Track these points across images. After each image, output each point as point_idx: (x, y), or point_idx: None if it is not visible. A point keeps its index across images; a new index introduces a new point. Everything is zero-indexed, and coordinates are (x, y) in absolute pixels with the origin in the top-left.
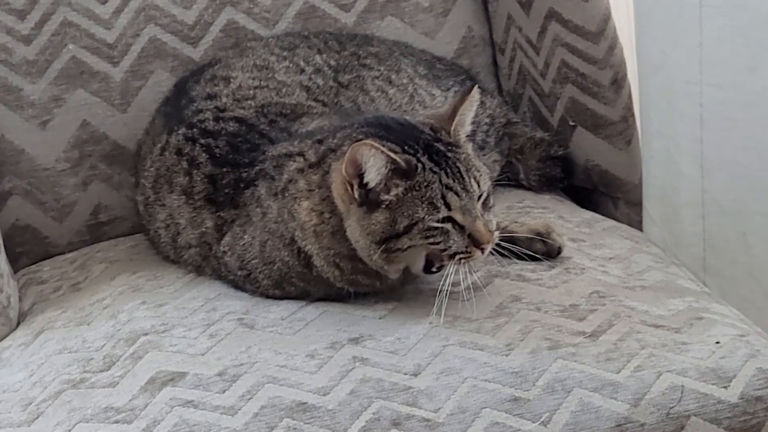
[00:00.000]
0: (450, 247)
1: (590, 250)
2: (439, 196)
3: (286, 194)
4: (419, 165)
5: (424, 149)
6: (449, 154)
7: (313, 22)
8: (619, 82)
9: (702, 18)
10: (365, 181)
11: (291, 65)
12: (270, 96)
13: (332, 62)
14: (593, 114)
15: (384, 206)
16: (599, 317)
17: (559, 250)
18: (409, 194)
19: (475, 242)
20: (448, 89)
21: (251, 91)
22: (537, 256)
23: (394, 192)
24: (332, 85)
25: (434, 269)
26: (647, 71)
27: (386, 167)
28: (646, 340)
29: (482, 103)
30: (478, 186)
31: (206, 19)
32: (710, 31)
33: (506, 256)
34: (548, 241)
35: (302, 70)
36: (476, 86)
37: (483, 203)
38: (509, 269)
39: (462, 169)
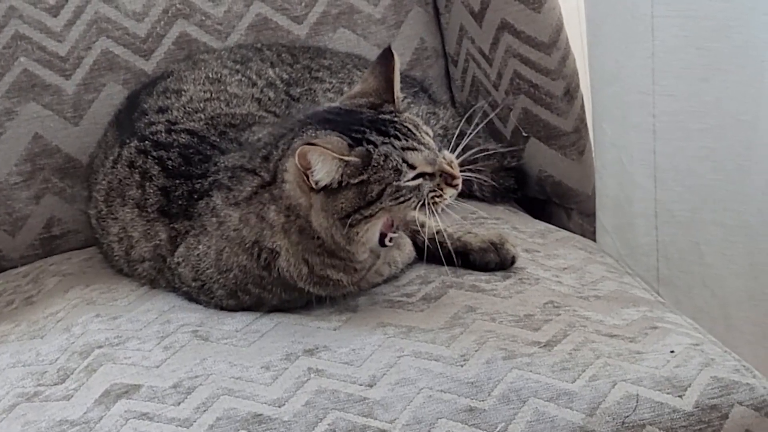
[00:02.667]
0: (422, 195)
1: (544, 261)
2: (401, 160)
3: (251, 203)
4: (371, 148)
5: (369, 127)
6: (395, 120)
7: (266, 35)
8: (571, 92)
9: (654, 28)
10: (317, 179)
11: (243, 78)
12: (220, 107)
13: (285, 75)
14: (546, 125)
15: (350, 185)
16: (554, 327)
17: (513, 261)
18: (374, 174)
19: (446, 181)
20: (401, 101)
21: (202, 104)
22: (488, 266)
23: (356, 179)
24: (284, 98)
25: (388, 241)
26: (600, 82)
27: (339, 169)
28: (600, 349)
29: (435, 114)
30: (430, 136)
31: (158, 32)
32: (662, 41)
33: (460, 267)
34: (502, 251)
35: (254, 84)
36: (390, 47)
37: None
38: (463, 280)
39: (411, 126)
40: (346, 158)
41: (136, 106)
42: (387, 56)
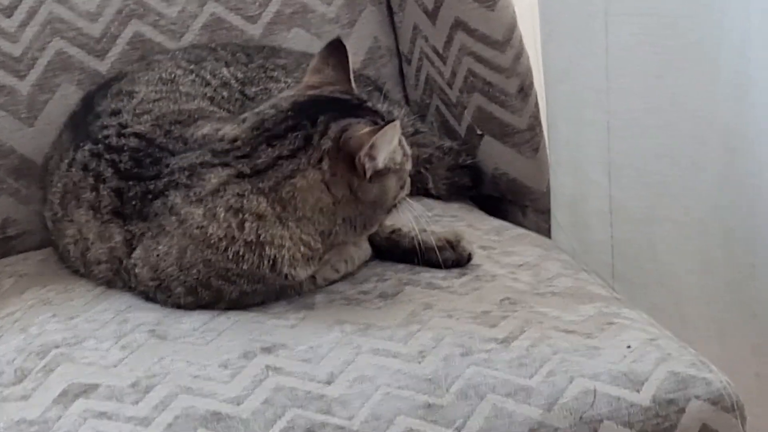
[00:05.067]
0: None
1: (500, 258)
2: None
3: (217, 197)
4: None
5: (371, 116)
6: (376, 110)
7: (220, 35)
8: (525, 90)
9: (608, 25)
10: (377, 161)
11: (197, 78)
12: (168, 106)
13: (239, 75)
14: (500, 123)
15: (390, 172)
16: (511, 324)
17: (469, 258)
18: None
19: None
20: None
21: (151, 105)
22: (445, 263)
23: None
24: (238, 97)
25: None
26: (554, 79)
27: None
28: (557, 345)
29: (390, 113)
30: None
31: (112, 32)
32: (616, 38)
33: (417, 265)
34: (458, 249)
35: (208, 83)
36: (340, 37)
37: None
38: (420, 277)
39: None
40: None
41: (91, 108)
42: (338, 47)
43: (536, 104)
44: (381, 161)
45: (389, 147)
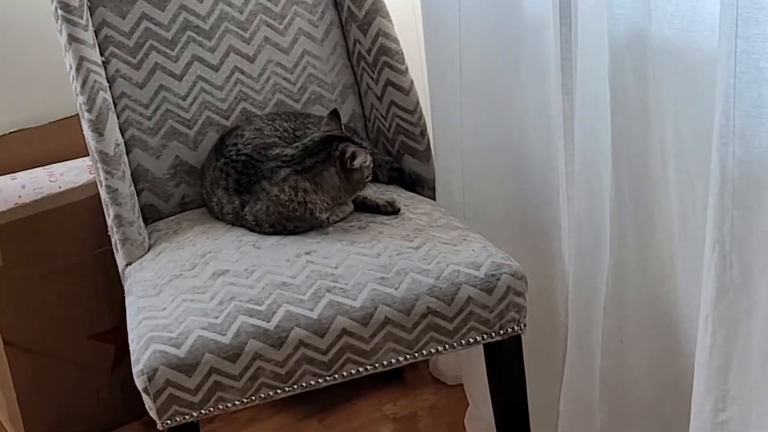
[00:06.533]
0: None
1: (412, 210)
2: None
3: (285, 182)
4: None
5: (356, 142)
6: (358, 142)
7: (282, 107)
8: (424, 132)
9: (461, 23)
10: (356, 162)
11: (272, 128)
12: (258, 140)
13: (291, 126)
14: (412, 148)
15: (362, 168)
16: (420, 240)
17: (399, 211)
18: (370, 163)
19: None
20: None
21: (250, 140)
22: (386, 211)
23: (367, 164)
24: (291, 136)
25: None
26: (438, 119)
27: (366, 160)
28: (440, 248)
29: (361, 143)
30: None
31: (232, 107)
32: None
33: (374, 214)
34: (395, 206)
35: (277, 130)
36: (337, 109)
37: None
38: (376, 219)
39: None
40: (370, 156)
41: (223, 142)
42: (336, 114)
43: (429, 139)
44: (357, 163)
45: (362, 157)
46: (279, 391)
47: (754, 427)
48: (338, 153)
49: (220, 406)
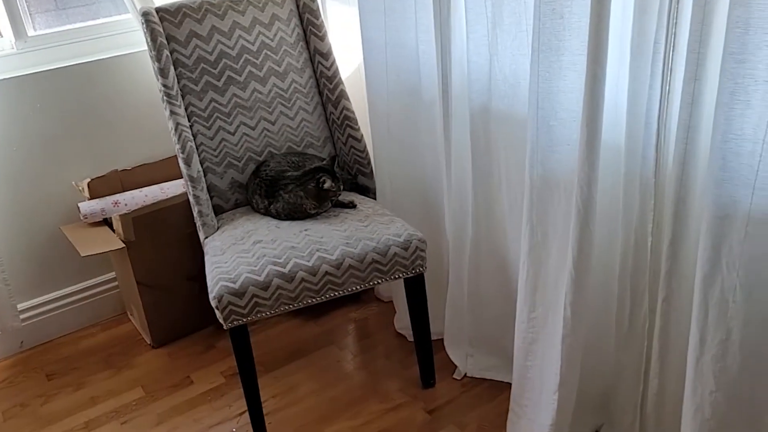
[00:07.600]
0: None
1: (364, 206)
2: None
3: (292, 193)
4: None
5: (334, 172)
6: (335, 171)
7: (290, 148)
8: (369, 161)
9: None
10: (326, 184)
11: (285, 161)
12: (278, 168)
13: (298, 159)
14: (363, 171)
15: (333, 188)
16: (367, 222)
17: (356, 206)
18: (339, 185)
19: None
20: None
21: (273, 168)
22: (349, 207)
23: (336, 186)
24: (297, 166)
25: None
26: (377, 154)
27: (332, 184)
28: (379, 227)
29: (338, 177)
30: None
31: (261, 149)
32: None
33: (341, 208)
34: (354, 202)
35: (288, 162)
36: (332, 156)
37: None
38: (342, 211)
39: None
40: (336, 183)
41: (258, 169)
42: (333, 157)
43: (372, 166)
44: (327, 186)
45: (329, 183)
46: (291, 306)
47: (550, 321)
48: (319, 178)
49: (258, 315)
